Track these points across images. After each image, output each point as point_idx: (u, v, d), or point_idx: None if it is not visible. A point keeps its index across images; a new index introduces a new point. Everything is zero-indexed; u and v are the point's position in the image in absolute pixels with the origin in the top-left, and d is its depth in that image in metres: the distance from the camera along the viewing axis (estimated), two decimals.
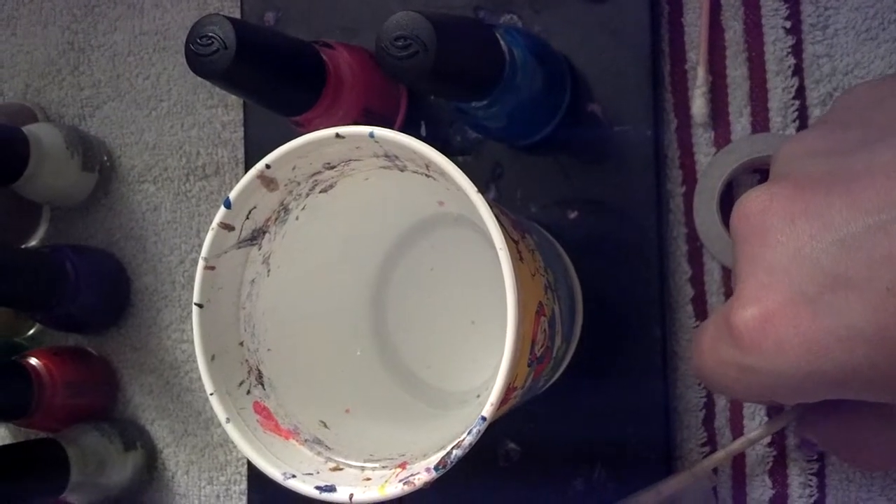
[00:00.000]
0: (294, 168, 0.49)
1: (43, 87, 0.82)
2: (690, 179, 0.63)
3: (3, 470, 0.67)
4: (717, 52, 0.63)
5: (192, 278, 0.50)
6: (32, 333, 0.81)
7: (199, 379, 0.76)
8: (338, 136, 0.46)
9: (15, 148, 0.72)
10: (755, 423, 0.62)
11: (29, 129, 0.75)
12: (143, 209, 0.79)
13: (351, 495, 0.45)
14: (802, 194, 0.38)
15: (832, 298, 0.36)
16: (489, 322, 0.60)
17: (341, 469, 0.49)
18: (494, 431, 0.63)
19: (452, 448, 0.44)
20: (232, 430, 0.48)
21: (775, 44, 0.62)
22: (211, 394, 0.49)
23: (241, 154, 0.75)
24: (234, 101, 0.76)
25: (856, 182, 0.37)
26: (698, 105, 0.62)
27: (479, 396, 0.58)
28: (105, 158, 0.80)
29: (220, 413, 0.48)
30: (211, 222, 0.49)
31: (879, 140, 0.38)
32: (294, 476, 0.46)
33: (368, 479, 0.47)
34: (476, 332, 0.61)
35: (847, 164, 0.38)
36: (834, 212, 0.37)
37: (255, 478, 0.71)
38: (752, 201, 0.40)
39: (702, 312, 0.63)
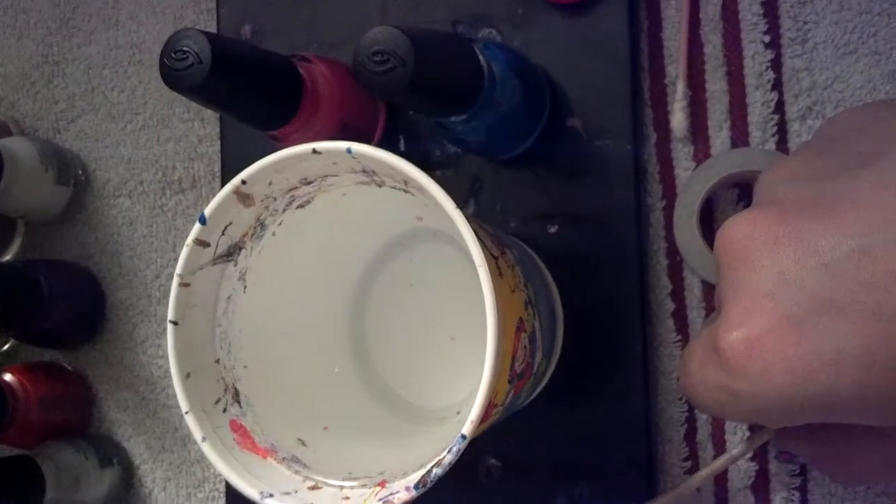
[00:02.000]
0: (270, 183, 0.49)
1: (17, 101, 0.82)
2: (670, 194, 0.63)
3: None
4: (697, 67, 0.63)
5: (168, 293, 0.50)
6: (6, 349, 0.81)
7: (176, 395, 0.76)
8: (315, 151, 0.46)
9: None
10: (737, 437, 0.62)
11: (2, 142, 0.74)
12: (119, 223, 0.78)
13: None
14: (786, 218, 0.38)
15: (818, 322, 0.36)
16: (469, 338, 0.59)
17: (320, 488, 0.48)
18: (476, 447, 0.63)
19: (433, 467, 0.43)
20: (208, 450, 0.47)
21: (754, 58, 0.62)
22: (186, 412, 0.48)
23: (217, 168, 0.75)
24: (211, 114, 0.75)
25: (839, 206, 0.37)
26: (678, 119, 0.62)
27: (459, 413, 0.58)
28: (80, 172, 0.79)
29: (196, 432, 0.48)
30: (187, 237, 0.49)
31: (862, 165, 0.38)
32: (272, 495, 0.46)
33: (347, 497, 0.46)
34: (455, 349, 0.60)
35: (830, 189, 0.38)
36: (818, 236, 0.37)
37: (234, 495, 0.71)
38: (735, 226, 0.40)
39: (682, 327, 0.63)
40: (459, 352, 0.60)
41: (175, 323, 0.48)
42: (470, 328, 0.57)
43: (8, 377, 0.74)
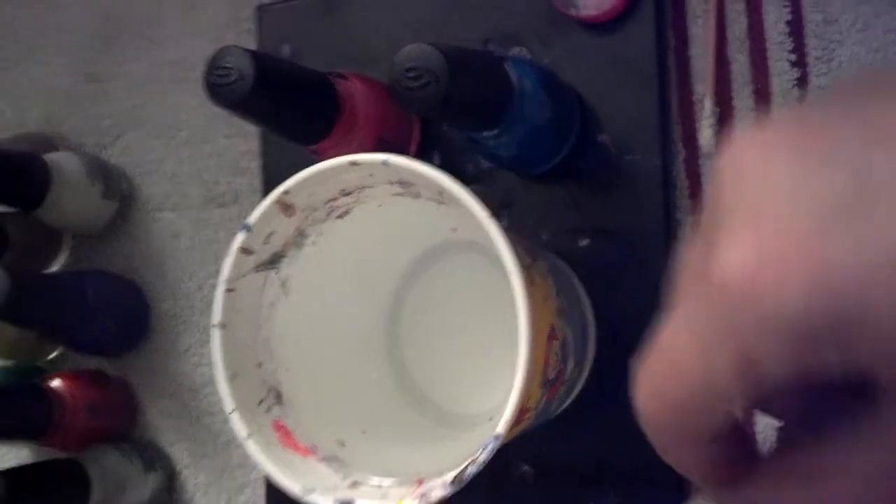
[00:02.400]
0: (311, 194, 0.51)
1: (64, 117, 0.84)
2: (699, 208, 0.64)
3: (26, 489, 0.69)
4: (724, 84, 0.64)
5: (211, 304, 0.52)
6: (54, 357, 0.83)
7: (218, 402, 0.77)
8: (353, 163, 0.48)
9: (36, 175, 0.74)
10: (767, 445, 0.63)
11: (51, 157, 0.76)
12: (163, 236, 0.81)
13: None
14: (802, 123, 0.32)
15: (845, 225, 0.30)
16: (501, 346, 0.61)
17: (359, 485, 0.50)
18: (509, 453, 0.64)
19: (468, 464, 0.45)
20: (252, 447, 0.49)
21: (780, 76, 0.63)
22: (231, 411, 0.50)
23: (258, 182, 0.77)
24: (252, 130, 0.77)
25: (865, 108, 0.31)
26: (706, 136, 0.63)
27: (491, 419, 0.59)
28: (125, 186, 0.81)
29: (241, 430, 0.50)
30: (229, 250, 0.51)
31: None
32: (313, 490, 0.48)
33: (385, 495, 0.48)
34: (488, 357, 0.62)
35: (848, 104, 0.32)
36: (840, 134, 0.31)
37: (274, 499, 0.73)
38: (740, 139, 0.33)
39: None
40: (492, 360, 0.62)
41: (220, 326, 0.51)
42: (502, 337, 0.58)
43: (55, 383, 0.76)
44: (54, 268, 0.82)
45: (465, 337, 0.63)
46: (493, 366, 0.61)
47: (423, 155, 0.69)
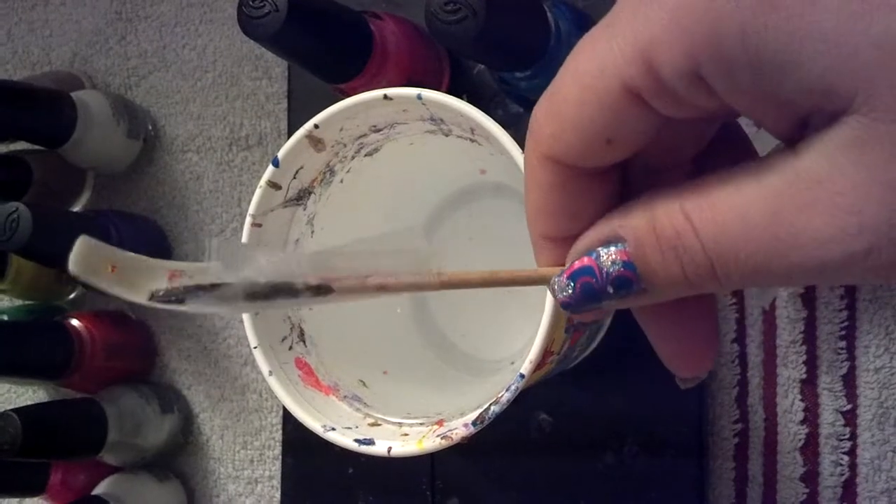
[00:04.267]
0: (342, 129, 0.50)
1: (90, 56, 0.84)
2: None
3: (44, 426, 0.69)
4: None
5: None
6: (74, 297, 0.83)
7: (237, 345, 0.78)
8: (386, 97, 0.47)
9: (62, 112, 0.74)
10: (788, 400, 0.62)
11: (77, 94, 0.76)
12: (186, 178, 0.80)
13: (389, 448, 0.46)
14: None
15: None
16: (525, 293, 0.60)
17: (379, 425, 0.50)
18: (528, 402, 0.64)
19: (491, 404, 0.45)
20: (274, 383, 0.49)
21: None
22: (255, 347, 0.50)
23: (283, 125, 0.76)
24: (279, 73, 0.77)
25: None
26: None
27: (513, 363, 0.59)
28: (150, 127, 0.81)
29: (264, 366, 0.49)
30: (252, 193, 0.50)
31: None
32: (334, 429, 0.47)
33: (406, 434, 0.48)
34: (512, 303, 0.61)
35: None
36: None
37: (289, 443, 0.72)
38: None
39: (737, 291, 0.64)
40: (516, 306, 0.61)
41: None
42: None
43: (75, 323, 0.76)
44: (77, 207, 0.82)
45: None
46: (516, 312, 0.61)
47: None
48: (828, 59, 0.24)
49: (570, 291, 0.30)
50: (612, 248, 0.29)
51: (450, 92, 0.67)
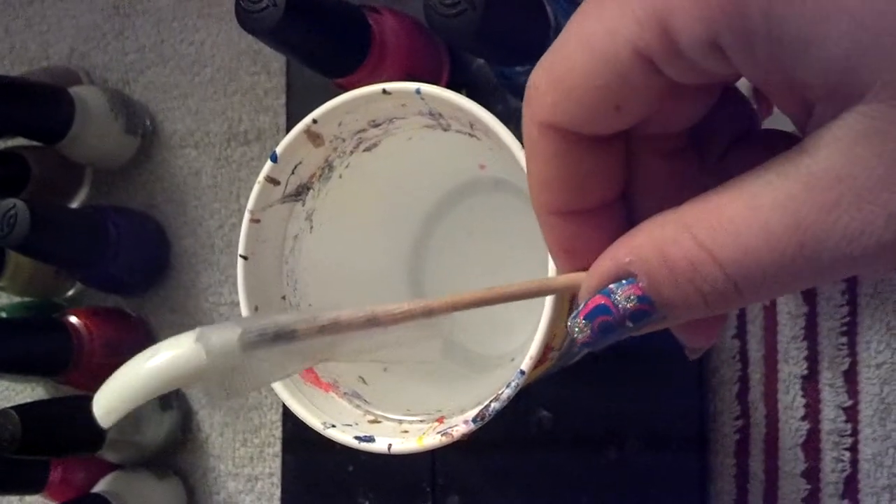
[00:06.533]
0: (340, 124, 0.50)
1: (88, 51, 0.83)
2: None
3: (43, 423, 0.68)
4: None
5: (231, 242, 0.51)
6: (72, 293, 0.83)
7: None
8: (384, 91, 0.47)
9: (60, 108, 0.73)
10: (789, 396, 0.62)
11: (74, 90, 0.75)
12: (185, 173, 0.80)
13: (389, 445, 0.46)
14: None
15: None
16: None
17: (379, 422, 0.49)
18: (528, 398, 0.64)
19: (491, 401, 0.44)
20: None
21: None
22: None
23: (282, 121, 0.76)
24: (277, 68, 0.77)
25: None
26: None
27: (513, 360, 0.59)
28: (148, 122, 0.81)
29: None
30: (251, 188, 0.50)
31: None
32: (333, 426, 0.47)
33: (406, 431, 0.47)
34: None
35: None
36: None
37: (289, 440, 0.72)
38: None
39: None
40: (516, 302, 0.61)
41: (245, 258, 0.50)
42: (528, 277, 0.58)
43: (73, 320, 0.75)
44: (75, 203, 0.81)
45: (490, 277, 0.62)
46: (516, 307, 0.60)
47: None
48: (853, 39, 0.24)
49: (588, 332, 0.30)
50: (626, 284, 0.29)
51: (449, 86, 0.67)
